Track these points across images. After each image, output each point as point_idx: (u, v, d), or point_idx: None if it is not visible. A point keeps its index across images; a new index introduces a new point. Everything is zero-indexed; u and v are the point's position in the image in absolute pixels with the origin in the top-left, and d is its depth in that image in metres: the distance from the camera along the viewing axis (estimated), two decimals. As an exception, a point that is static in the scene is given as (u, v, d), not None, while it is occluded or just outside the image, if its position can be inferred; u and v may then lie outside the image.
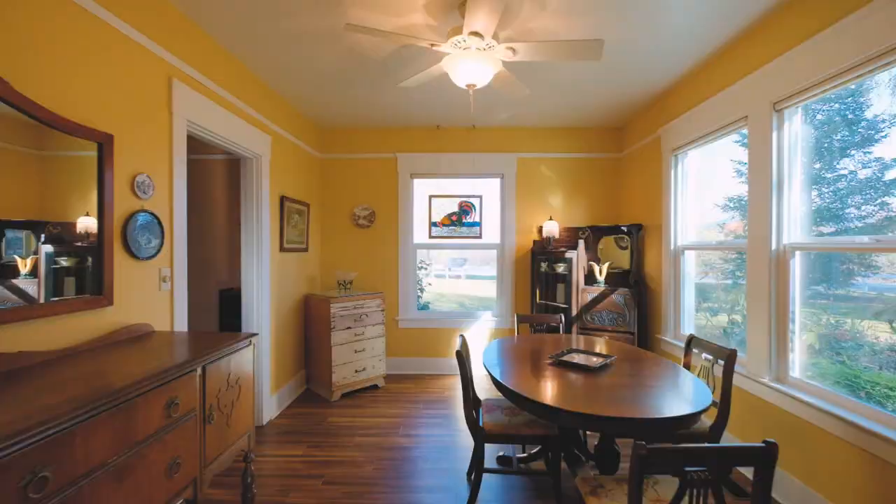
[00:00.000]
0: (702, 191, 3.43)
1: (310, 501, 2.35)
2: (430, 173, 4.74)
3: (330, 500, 2.35)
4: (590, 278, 4.16)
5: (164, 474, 1.46)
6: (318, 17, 2.44)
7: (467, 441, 3.05)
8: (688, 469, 1.19)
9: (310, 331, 4.17)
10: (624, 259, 4.20)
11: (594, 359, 2.34)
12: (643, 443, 1.17)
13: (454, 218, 4.82)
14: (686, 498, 1.22)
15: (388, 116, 4.27)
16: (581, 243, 4.20)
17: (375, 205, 4.72)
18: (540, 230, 4.64)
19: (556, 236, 4.46)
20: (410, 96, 3.67)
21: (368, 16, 2.41)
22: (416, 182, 4.81)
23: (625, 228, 4.14)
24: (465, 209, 4.81)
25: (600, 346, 2.78)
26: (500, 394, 2.29)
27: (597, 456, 2.16)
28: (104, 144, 1.82)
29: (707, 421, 2.24)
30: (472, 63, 2.30)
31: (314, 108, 4.00)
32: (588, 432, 2.83)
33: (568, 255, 4.10)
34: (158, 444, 1.43)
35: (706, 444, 1.22)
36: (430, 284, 5.39)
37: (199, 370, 1.66)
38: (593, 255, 4.40)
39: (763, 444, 1.16)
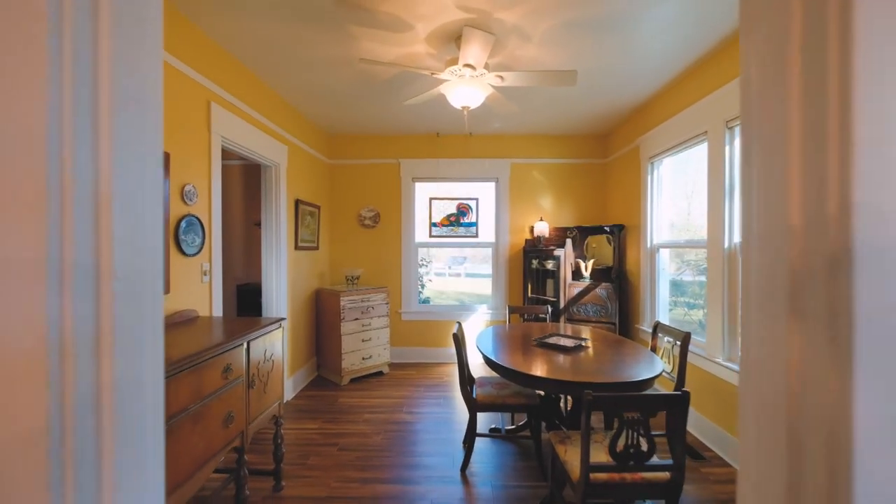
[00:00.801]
0: (676, 194, 3.82)
1: (327, 464, 2.75)
2: (431, 177, 5.14)
3: (345, 463, 2.75)
4: (576, 274, 4.56)
5: (221, 424, 1.86)
6: (333, 48, 2.83)
7: (463, 416, 3.45)
8: (624, 414, 1.59)
9: (321, 322, 4.57)
10: (610, 256, 4.60)
11: (570, 341, 2.74)
12: (590, 391, 1.57)
13: (452, 218, 5.22)
14: (624, 435, 1.62)
15: (391, 126, 4.67)
16: (569, 242, 4.60)
17: (380, 206, 5.12)
18: (531, 230, 5.04)
19: (547, 235, 4.85)
20: (412, 109, 4.06)
21: (378, 47, 2.80)
22: (418, 185, 5.21)
23: (608, 228, 4.54)
24: (462, 210, 5.21)
25: (583, 333, 3.18)
26: (490, 373, 2.68)
27: (568, 417, 2.57)
28: (165, 162, 2.22)
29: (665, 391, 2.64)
30: (466, 88, 2.70)
31: (325, 119, 4.40)
32: (567, 408, 3.23)
33: (557, 252, 4.50)
34: (218, 400, 1.83)
35: (635, 393, 1.61)
36: (430, 281, 5.79)
37: (244, 344, 2.06)
38: (580, 253, 4.79)
39: (678, 393, 1.55)
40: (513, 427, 3.16)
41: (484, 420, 3.37)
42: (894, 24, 0.40)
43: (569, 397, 2.95)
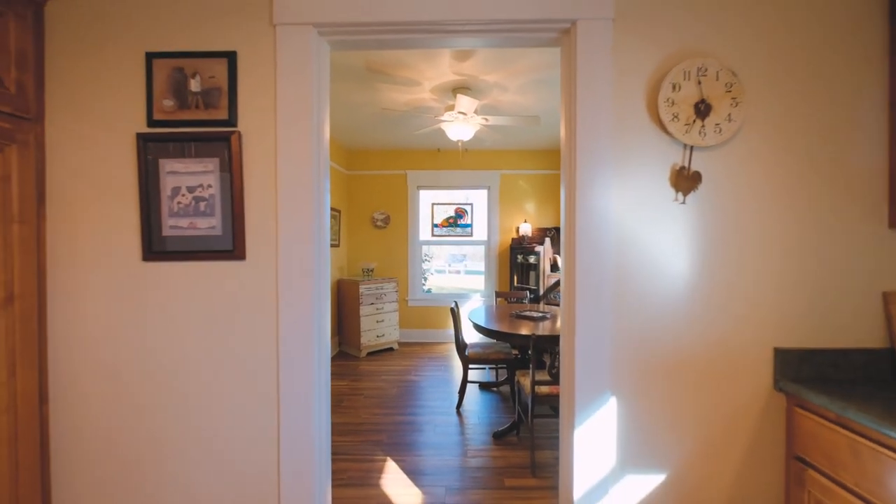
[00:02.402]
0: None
1: (357, 405, 3.71)
2: (433, 186, 6.08)
3: (370, 405, 3.71)
4: (554, 267, 5.51)
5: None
6: (360, 95, 3.77)
7: (459, 378, 4.40)
8: (556, 349, 2.54)
9: (343, 306, 5.52)
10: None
11: (538, 314, 3.69)
12: (536, 337, 2.52)
13: (451, 220, 6.17)
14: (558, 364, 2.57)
15: (400, 144, 5.61)
16: (548, 240, 5.54)
17: (390, 210, 6.07)
18: (517, 230, 5.98)
19: (530, 235, 5.80)
20: (416, 125, 5.00)
21: (394, 95, 3.74)
22: (422, 192, 6.15)
23: (580, 229, 5.48)
24: (459, 214, 6.16)
25: (552, 312, 4.12)
26: (479, 340, 3.62)
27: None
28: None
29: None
30: (460, 126, 3.64)
31: (347, 139, 5.34)
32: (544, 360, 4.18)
33: (538, 249, 5.44)
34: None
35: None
36: (432, 275, 6.73)
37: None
38: (557, 249, 5.75)
39: (589, 334, 2.50)
40: (496, 381, 4.13)
41: (474, 385, 4.33)
42: (590, 172, 1.35)
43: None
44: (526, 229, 5.74)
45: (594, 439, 1.40)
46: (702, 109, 1.35)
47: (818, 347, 1.39)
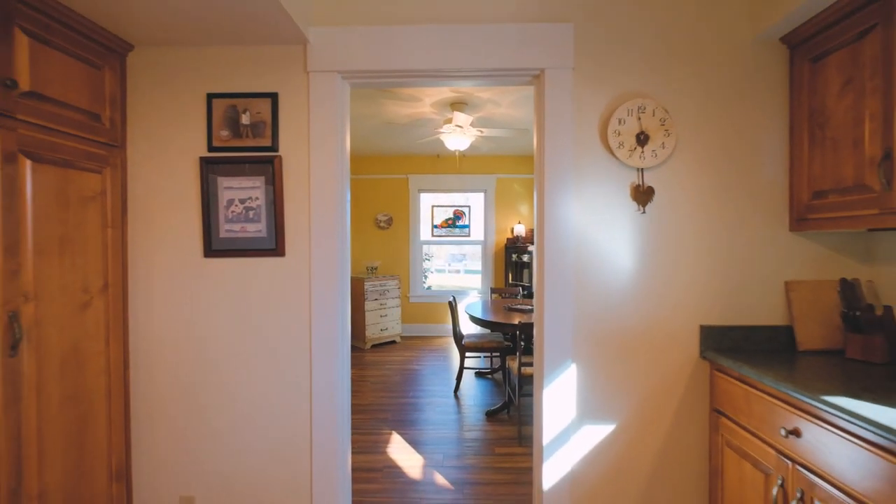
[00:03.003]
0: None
1: (365, 389, 4.09)
2: (433, 189, 6.47)
3: (376, 389, 4.09)
4: (546, 265, 5.89)
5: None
6: (366, 109, 4.15)
7: (456, 367, 4.78)
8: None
9: (348, 302, 5.90)
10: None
11: (528, 307, 4.08)
12: (523, 325, 2.91)
13: (450, 222, 6.55)
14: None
15: (402, 150, 5.99)
16: (540, 240, 5.93)
17: (392, 212, 6.45)
18: (512, 230, 6.36)
19: (524, 235, 6.18)
20: (418, 135, 5.38)
21: (398, 109, 4.12)
22: (422, 195, 6.53)
23: (570, 230, 5.87)
24: (458, 215, 6.54)
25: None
26: (475, 331, 4.01)
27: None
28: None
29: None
30: (457, 138, 4.03)
31: (353, 147, 5.71)
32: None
33: (530, 248, 5.83)
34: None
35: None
36: (432, 273, 7.10)
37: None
38: (550, 249, 6.12)
39: (568, 322, 2.89)
40: (489, 369, 4.51)
41: (470, 370, 4.71)
42: (555, 187, 1.73)
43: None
44: (520, 230, 6.12)
45: (558, 397, 1.79)
46: (641, 139, 1.73)
47: (734, 325, 1.78)
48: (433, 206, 6.57)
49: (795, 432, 1.30)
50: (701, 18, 1.76)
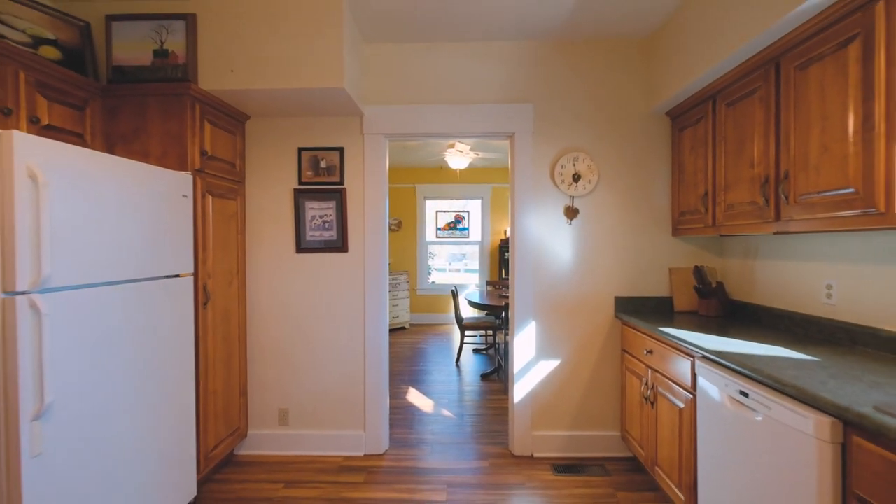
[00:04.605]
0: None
1: (383, 362, 5.08)
2: (437, 196, 7.46)
3: (394, 361, 5.08)
4: (534, 262, 6.88)
5: (348, 323, 4.19)
6: (385, 135, 5.14)
7: (456, 346, 5.77)
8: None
9: (364, 294, 6.89)
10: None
11: (515, 295, 5.06)
12: (507, 303, 3.90)
13: (451, 225, 7.54)
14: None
15: (411, 163, 6.98)
16: (529, 241, 6.92)
17: (402, 216, 7.44)
18: (505, 232, 7.35)
19: (515, 236, 7.17)
20: (426, 152, 6.38)
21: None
22: (428, 202, 7.52)
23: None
24: (458, 219, 7.53)
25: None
26: (472, 314, 5.00)
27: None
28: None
29: (564, 322, 4.97)
30: (458, 159, 5.02)
31: (368, 160, 6.72)
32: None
33: (520, 248, 6.81)
34: (347, 312, 4.17)
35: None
36: (435, 271, 8.09)
37: (353, 290, 4.39)
38: (537, 248, 7.12)
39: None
40: (485, 346, 5.51)
41: (468, 348, 5.71)
42: (520, 207, 2.73)
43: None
44: (512, 232, 7.12)
45: (524, 343, 2.78)
46: (576, 177, 2.72)
47: (636, 296, 2.77)
48: (437, 212, 7.56)
49: (650, 351, 2.30)
50: (614, 100, 2.76)
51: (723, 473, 1.66)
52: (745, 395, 1.52)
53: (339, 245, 2.81)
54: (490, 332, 5.81)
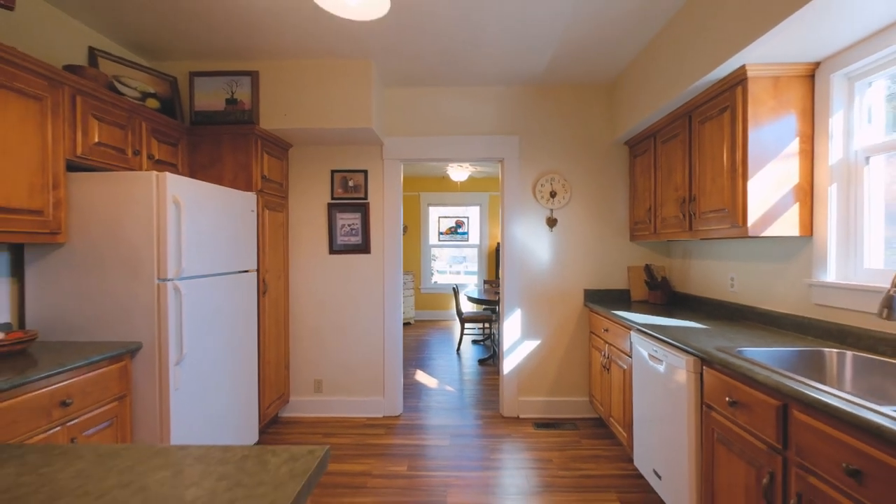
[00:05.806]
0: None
1: (392, 351, 5.76)
2: (439, 203, 8.15)
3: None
4: (527, 263, 7.57)
5: (364, 315, 4.88)
6: (395, 150, 5.84)
7: (457, 339, 6.45)
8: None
9: (373, 292, 7.58)
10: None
11: (509, 292, 5.75)
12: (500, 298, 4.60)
13: (452, 229, 8.23)
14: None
15: (416, 173, 7.68)
16: (523, 244, 7.61)
17: (407, 222, 8.13)
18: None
19: (511, 240, 7.86)
20: (431, 166, 7.07)
21: (416, 151, 5.82)
22: (431, 208, 8.22)
23: (546, 236, 7.57)
24: (459, 224, 8.22)
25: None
26: (472, 308, 5.68)
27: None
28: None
29: (552, 315, 5.66)
30: (459, 172, 5.72)
31: (377, 171, 7.43)
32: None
33: (515, 250, 7.50)
34: (363, 305, 4.86)
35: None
36: (438, 273, 8.76)
37: (368, 286, 5.09)
38: (531, 251, 7.81)
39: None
40: (482, 336, 6.20)
41: (468, 339, 6.39)
42: (509, 218, 3.43)
43: (510, 321, 5.96)
44: (508, 236, 7.81)
45: (512, 326, 3.46)
46: (553, 194, 3.41)
47: (602, 289, 3.45)
48: (439, 217, 8.25)
49: (608, 329, 2.98)
50: (584, 131, 3.45)
51: (646, 410, 2.34)
52: (656, 352, 2.21)
53: (364, 247, 3.50)
54: (487, 325, 6.49)
